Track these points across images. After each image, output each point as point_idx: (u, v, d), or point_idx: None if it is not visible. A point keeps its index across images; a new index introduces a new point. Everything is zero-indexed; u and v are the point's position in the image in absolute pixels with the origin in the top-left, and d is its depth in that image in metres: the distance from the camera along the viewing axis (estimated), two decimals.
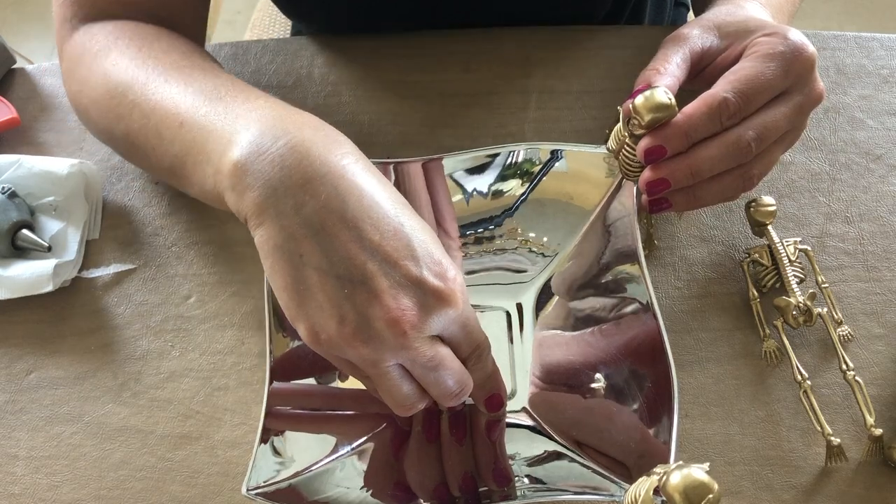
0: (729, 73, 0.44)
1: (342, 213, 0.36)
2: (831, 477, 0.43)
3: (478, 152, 0.49)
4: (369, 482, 0.42)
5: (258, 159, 0.37)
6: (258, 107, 0.40)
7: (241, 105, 0.41)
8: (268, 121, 0.38)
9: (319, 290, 0.35)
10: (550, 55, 0.59)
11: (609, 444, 0.41)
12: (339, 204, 0.36)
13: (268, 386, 0.43)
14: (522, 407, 0.45)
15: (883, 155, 0.55)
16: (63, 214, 0.53)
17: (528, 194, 0.49)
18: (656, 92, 0.41)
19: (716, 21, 0.48)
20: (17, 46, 1.20)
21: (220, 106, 0.41)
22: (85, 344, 0.50)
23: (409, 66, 0.59)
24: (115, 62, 0.48)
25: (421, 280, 0.36)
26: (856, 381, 0.44)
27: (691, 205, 0.44)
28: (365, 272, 0.35)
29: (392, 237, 0.36)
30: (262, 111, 0.40)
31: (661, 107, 0.41)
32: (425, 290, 0.36)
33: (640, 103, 0.42)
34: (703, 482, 0.31)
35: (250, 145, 0.37)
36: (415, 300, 0.36)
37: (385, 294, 0.35)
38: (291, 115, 0.39)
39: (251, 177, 0.37)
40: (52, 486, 0.46)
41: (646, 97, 0.41)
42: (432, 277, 0.36)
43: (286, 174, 0.36)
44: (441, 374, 0.38)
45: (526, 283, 0.49)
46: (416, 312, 0.36)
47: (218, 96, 0.42)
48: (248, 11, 1.00)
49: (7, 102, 0.58)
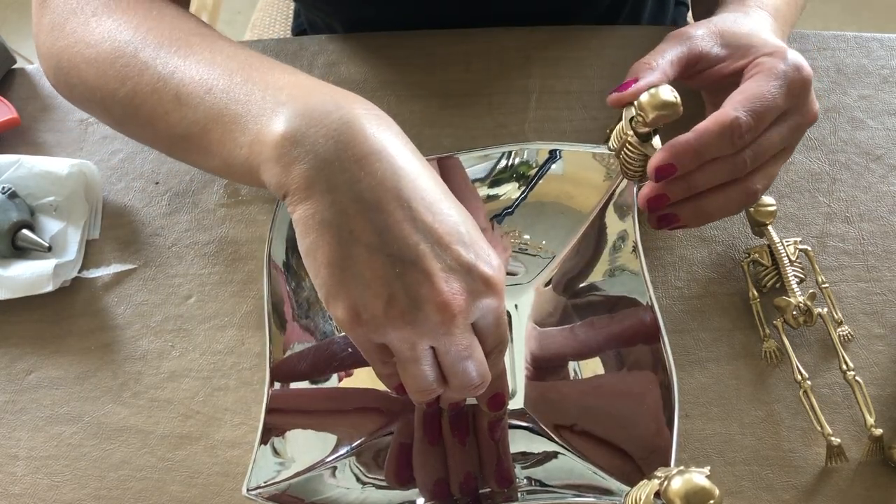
0: (737, 94, 0.44)
1: (397, 192, 0.35)
2: (831, 477, 0.43)
3: (477, 152, 0.49)
4: (389, 477, 0.42)
5: (310, 131, 0.35)
6: (301, 80, 0.39)
7: (282, 76, 0.39)
8: (317, 93, 0.37)
9: (367, 268, 0.35)
10: (550, 55, 0.59)
11: (610, 444, 0.41)
12: (395, 182, 0.35)
13: (268, 386, 0.43)
14: (521, 408, 0.45)
15: (883, 155, 0.55)
16: (63, 214, 0.53)
17: (527, 195, 0.49)
18: (662, 90, 0.42)
19: (721, 28, 0.48)
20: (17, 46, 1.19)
21: (256, 74, 0.39)
22: (85, 344, 0.50)
23: (409, 66, 0.59)
24: (121, 19, 0.44)
25: (472, 266, 0.36)
26: (856, 381, 0.44)
27: (699, 219, 0.45)
28: (418, 252, 0.35)
29: (444, 220, 0.36)
30: (308, 84, 0.38)
31: (667, 105, 0.41)
32: (475, 276, 0.36)
33: (645, 101, 0.42)
34: (704, 487, 0.31)
35: (301, 116, 0.36)
36: (464, 285, 0.35)
37: (437, 276, 0.35)
38: (338, 90, 0.38)
39: (301, 148, 0.35)
40: (53, 486, 0.46)
41: (651, 95, 0.42)
42: (482, 264, 0.36)
43: (341, 148, 0.35)
44: (468, 365, 0.37)
45: (525, 284, 0.49)
46: (465, 297, 0.35)
47: (251, 65, 0.40)
48: (248, 11, 1.00)
49: (7, 102, 0.58)
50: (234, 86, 0.39)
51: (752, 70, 0.45)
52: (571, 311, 0.47)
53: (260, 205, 0.54)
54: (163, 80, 0.41)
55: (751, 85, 0.44)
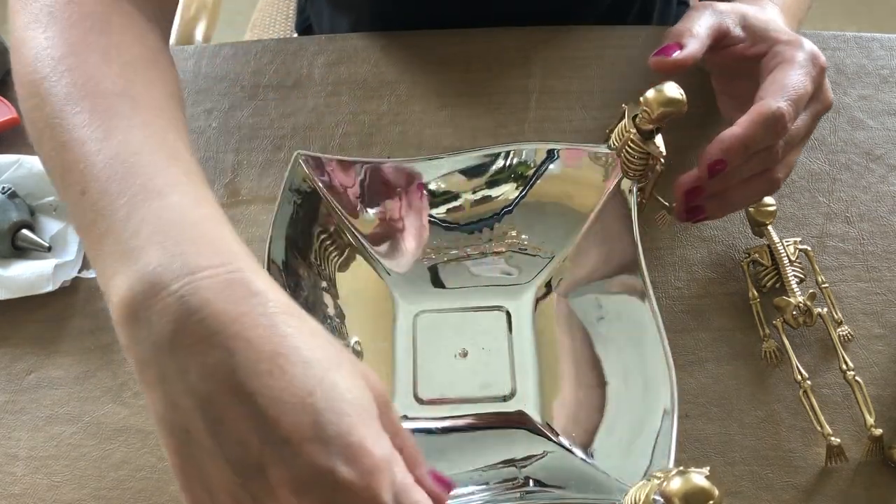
0: (769, 84, 0.44)
1: (233, 382, 0.28)
2: (831, 477, 0.43)
3: (478, 152, 0.49)
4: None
5: (148, 303, 0.30)
6: (169, 207, 0.32)
7: (153, 200, 0.32)
8: (174, 243, 0.31)
9: (211, 473, 0.29)
10: (550, 55, 0.59)
11: (609, 444, 0.41)
12: (230, 370, 0.28)
13: None
14: (520, 409, 0.45)
15: (883, 155, 0.55)
16: (63, 214, 0.53)
17: (526, 194, 0.49)
18: (668, 86, 0.42)
19: (742, 11, 0.48)
20: None
21: (133, 187, 0.33)
22: (85, 344, 0.50)
23: (410, 66, 0.59)
24: (52, 39, 0.38)
25: (329, 471, 0.28)
26: (856, 381, 0.44)
27: (724, 210, 0.46)
28: (260, 460, 0.28)
29: (295, 411, 0.28)
30: (177, 222, 0.32)
31: (673, 101, 0.41)
32: (334, 485, 0.28)
33: (651, 97, 0.42)
34: (703, 488, 0.31)
35: (143, 282, 0.30)
36: (319, 496, 0.28)
37: (284, 489, 0.28)
38: (200, 233, 0.32)
39: (137, 326, 0.30)
40: (53, 486, 0.46)
41: (657, 91, 0.42)
42: (345, 466, 0.28)
43: (178, 329, 0.29)
44: None
45: (525, 284, 0.49)
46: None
47: (134, 170, 0.33)
48: (248, 11, 1.00)
49: (7, 102, 0.58)
50: (107, 196, 0.33)
51: (772, 59, 0.46)
52: (570, 311, 0.47)
53: (260, 205, 0.54)
54: (56, 149, 0.35)
55: (780, 75, 0.44)
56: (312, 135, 0.57)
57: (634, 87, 0.56)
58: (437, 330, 0.47)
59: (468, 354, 0.47)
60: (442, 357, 0.47)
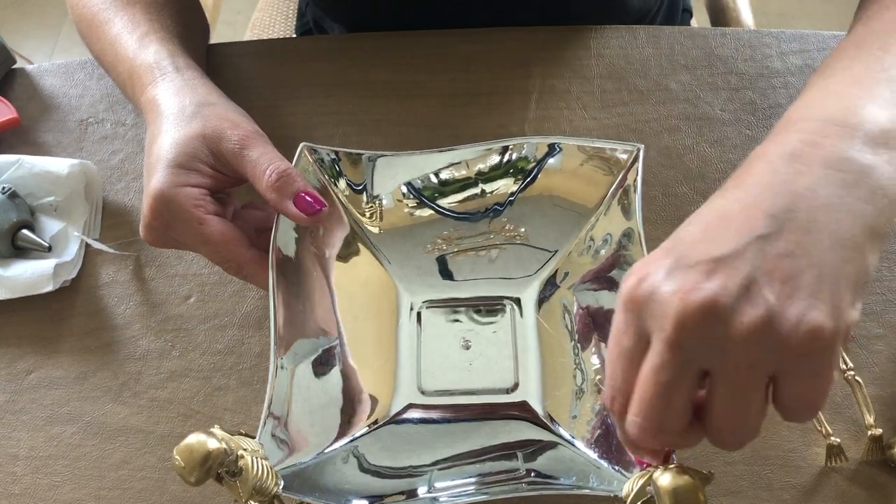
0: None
1: None
2: (831, 477, 0.43)
3: (487, 145, 0.49)
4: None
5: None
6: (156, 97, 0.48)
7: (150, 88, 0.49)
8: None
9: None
10: (550, 55, 0.59)
11: (609, 436, 0.41)
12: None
13: (272, 379, 0.42)
14: (523, 400, 0.45)
15: None
16: (63, 214, 0.53)
17: (526, 187, 0.49)
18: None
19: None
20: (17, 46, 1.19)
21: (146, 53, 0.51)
22: (85, 344, 0.50)
23: (409, 66, 0.59)
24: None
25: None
26: (855, 381, 0.44)
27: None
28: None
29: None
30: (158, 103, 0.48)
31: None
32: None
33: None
34: (690, 485, 0.32)
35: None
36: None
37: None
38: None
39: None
40: (53, 485, 0.46)
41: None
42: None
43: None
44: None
45: (529, 277, 0.49)
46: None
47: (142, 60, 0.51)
48: (248, 11, 1.00)
49: (7, 102, 0.58)
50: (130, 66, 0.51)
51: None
52: (574, 305, 0.47)
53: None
54: (110, 43, 0.53)
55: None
56: (313, 134, 0.57)
57: (635, 87, 0.56)
58: (441, 321, 0.48)
59: (472, 346, 0.47)
60: (445, 348, 0.47)
